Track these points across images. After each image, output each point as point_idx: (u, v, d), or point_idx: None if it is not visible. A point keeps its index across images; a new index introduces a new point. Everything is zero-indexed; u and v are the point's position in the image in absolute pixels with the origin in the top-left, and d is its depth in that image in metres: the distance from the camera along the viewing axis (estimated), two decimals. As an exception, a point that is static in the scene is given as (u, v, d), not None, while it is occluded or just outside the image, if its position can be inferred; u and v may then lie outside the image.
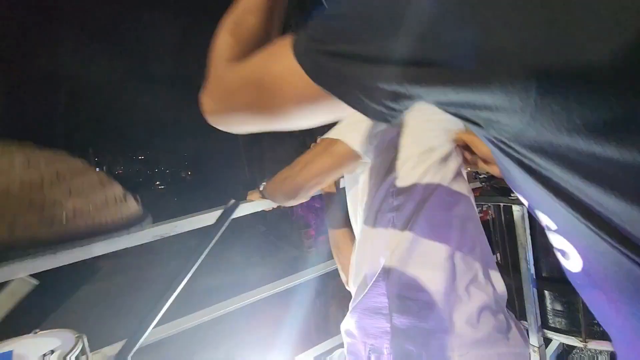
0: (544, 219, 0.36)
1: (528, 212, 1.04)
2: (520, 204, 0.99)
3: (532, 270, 1.09)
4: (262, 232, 10.40)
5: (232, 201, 1.05)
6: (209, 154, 18.42)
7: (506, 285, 0.93)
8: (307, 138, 8.49)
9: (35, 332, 0.94)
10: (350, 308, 0.90)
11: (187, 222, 1.12)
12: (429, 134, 0.87)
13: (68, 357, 0.82)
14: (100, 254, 1.01)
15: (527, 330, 1.16)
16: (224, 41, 0.53)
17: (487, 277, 0.84)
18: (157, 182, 23.39)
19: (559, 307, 1.12)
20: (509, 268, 1.21)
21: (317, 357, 1.56)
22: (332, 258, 1.21)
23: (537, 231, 1.08)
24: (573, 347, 1.28)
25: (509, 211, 1.14)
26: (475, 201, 0.99)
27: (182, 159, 28.12)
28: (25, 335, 0.94)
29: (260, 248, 9.18)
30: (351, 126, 0.84)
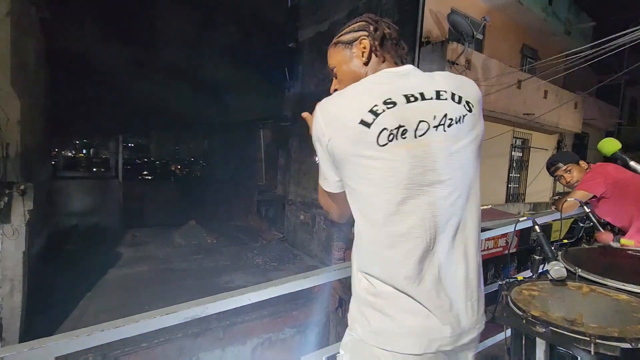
0: None
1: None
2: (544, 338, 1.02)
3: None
4: (278, 239, 10.68)
5: None
6: (208, 153, 18.51)
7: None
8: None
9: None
10: None
11: (219, 303, 1.11)
12: None
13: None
14: (143, 332, 1.04)
15: None
16: None
17: None
18: (145, 172, 23.60)
19: None
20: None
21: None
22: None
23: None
24: None
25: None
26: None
27: (174, 153, 28.18)
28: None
29: (279, 254, 9.46)
30: None
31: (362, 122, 0.81)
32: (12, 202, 4.06)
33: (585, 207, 1.75)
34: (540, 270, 1.41)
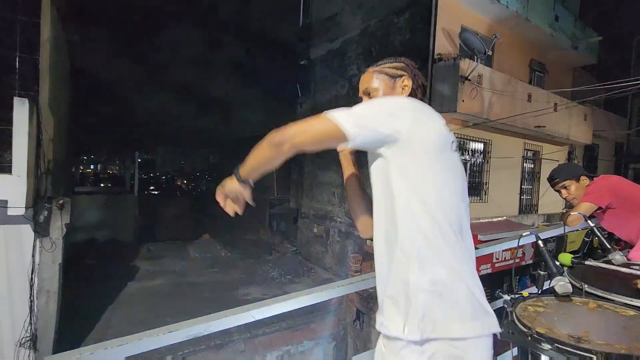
0: None
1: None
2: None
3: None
4: (292, 252, 10.76)
5: None
6: (218, 167, 18.77)
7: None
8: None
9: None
10: None
11: (222, 321, 1.11)
12: None
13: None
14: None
15: None
16: None
17: None
18: (151, 187, 23.88)
19: None
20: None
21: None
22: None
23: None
24: None
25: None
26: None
27: (185, 168, 28.66)
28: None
29: (293, 267, 9.53)
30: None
31: (446, 126, 0.98)
32: (51, 216, 4.25)
33: (589, 221, 1.72)
34: (545, 286, 1.38)
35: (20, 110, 3.57)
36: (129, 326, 6.11)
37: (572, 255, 1.59)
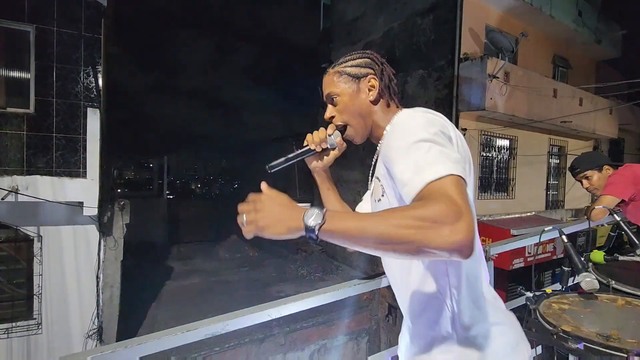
0: None
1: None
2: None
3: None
4: (318, 251, 10.99)
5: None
6: (242, 170, 19.19)
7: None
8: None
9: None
10: None
11: (238, 320, 1.11)
12: None
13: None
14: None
15: None
16: None
17: None
18: (167, 192, 24.67)
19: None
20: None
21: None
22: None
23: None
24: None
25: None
26: None
27: (194, 172, 29.36)
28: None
29: (321, 266, 9.77)
30: None
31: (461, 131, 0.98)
32: (114, 217, 4.59)
33: (615, 215, 1.62)
34: (570, 283, 1.35)
35: (93, 119, 3.91)
36: (175, 322, 6.43)
37: (604, 253, 1.54)
